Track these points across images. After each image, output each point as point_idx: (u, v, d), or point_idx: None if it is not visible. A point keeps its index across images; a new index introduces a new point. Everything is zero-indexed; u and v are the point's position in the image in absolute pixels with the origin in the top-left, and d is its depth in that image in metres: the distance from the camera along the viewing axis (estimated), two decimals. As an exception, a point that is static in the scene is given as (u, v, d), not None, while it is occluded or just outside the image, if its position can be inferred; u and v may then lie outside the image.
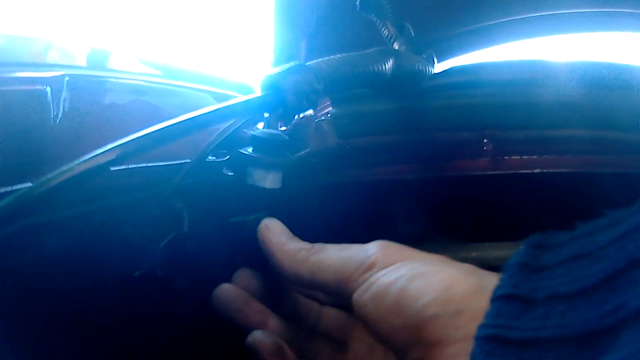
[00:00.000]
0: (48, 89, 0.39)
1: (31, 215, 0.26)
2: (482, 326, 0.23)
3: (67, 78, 0.40)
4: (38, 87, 0.38)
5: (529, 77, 0.47)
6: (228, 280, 0.35)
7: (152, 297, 0.40)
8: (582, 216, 0.24)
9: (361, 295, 0.29)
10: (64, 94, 0.39)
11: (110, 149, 0.27)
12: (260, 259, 0.34)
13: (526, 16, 0.68)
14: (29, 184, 0.29)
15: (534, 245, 0.26)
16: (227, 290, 0.34)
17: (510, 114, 0.46)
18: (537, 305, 0.22)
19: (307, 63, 0.36)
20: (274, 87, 0.33)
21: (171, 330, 0.44)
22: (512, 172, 0.46)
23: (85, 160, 0.26)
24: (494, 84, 0.46)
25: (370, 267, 0.29)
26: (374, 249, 0.30)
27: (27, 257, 0.30)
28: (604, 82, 0.47)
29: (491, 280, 0.25)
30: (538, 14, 0.68)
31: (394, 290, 0.28)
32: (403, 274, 0.28)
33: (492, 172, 0.46)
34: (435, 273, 0.28)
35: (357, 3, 0.52)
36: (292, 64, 0.35)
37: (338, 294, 0.30)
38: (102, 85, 0.43)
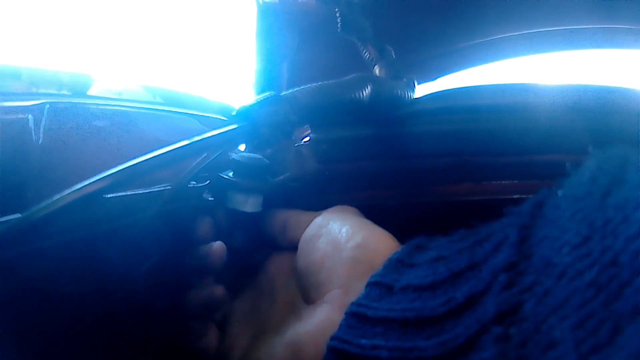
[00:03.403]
0: (30, 117, 0.44)
1: (19, 245, 0.31)
2: (353, 304, 0.30)
3: (47, 106, 0.45)
4: (20, 115, 0.44)
5: (509, 102, 0.52)
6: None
7: (132, 320, 0.45)
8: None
9: (307, 231, 0.41)
10: (45, 122, 0.45)
11: (93, 181, 0.32)
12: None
13: (514, 34, 0.74)
14: (17, 215, 0.33)
15: (414, 245, 0.34)
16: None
17: (490, 139, 0.50)
18: (395, 292, 0.30)
19: (283, 93, 0.42)
20: (248, 119, 0.38)
21: (151, 353, 0.48)
22: (492, 197, 0.51)
23: (72, 191, 0.32)
24: (474, 109, 0.51)
25: (318, 214, 0.42)
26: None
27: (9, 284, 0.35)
28: (584, 106, 0.52)
29: None
30: (527, 32, 0.74)
31: (334, 226, 0.39)
32: (348, 218, 0.40)
33: (472, 198, 0.51)
34: (374, 231, 0.38)
35: (339, 25, 0.57)
36: (266, 94, 0.40)
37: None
38: (83, 111, 0.48)
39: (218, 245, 0.43)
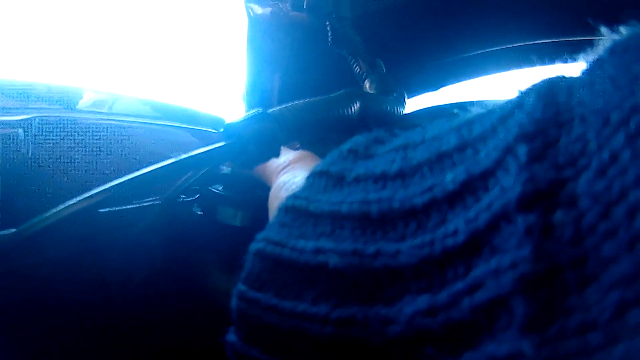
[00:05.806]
0: (20, 131, 0.46)
1: (14, 260, 0.33)
2: (288, 197, 0.24)
3: (37, 120, 0.47)
4: (10, 130, 0.46)
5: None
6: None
7: (127, 330, 0.46)
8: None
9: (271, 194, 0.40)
10: (35, 136, 0.47)
11: (84, 198, 0.34)
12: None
13: (508, 47, 0.76)
14: (12, 230, 0.35)
15: (372, 138, 0.27)
16: None
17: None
18: (347, 184, 0.23)
19: (270, 110, 0.43)
20: (235, 137, 0.40)
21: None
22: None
23: (64, 207, 0.33)
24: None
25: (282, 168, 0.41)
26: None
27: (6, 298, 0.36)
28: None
29: None
30: (521, 45, 0.76)
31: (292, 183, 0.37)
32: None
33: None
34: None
35: (329, 39, 0.59)
36: (254, 111, 0.42)
37: None
38: (73, 125, 0.50)
39: None
